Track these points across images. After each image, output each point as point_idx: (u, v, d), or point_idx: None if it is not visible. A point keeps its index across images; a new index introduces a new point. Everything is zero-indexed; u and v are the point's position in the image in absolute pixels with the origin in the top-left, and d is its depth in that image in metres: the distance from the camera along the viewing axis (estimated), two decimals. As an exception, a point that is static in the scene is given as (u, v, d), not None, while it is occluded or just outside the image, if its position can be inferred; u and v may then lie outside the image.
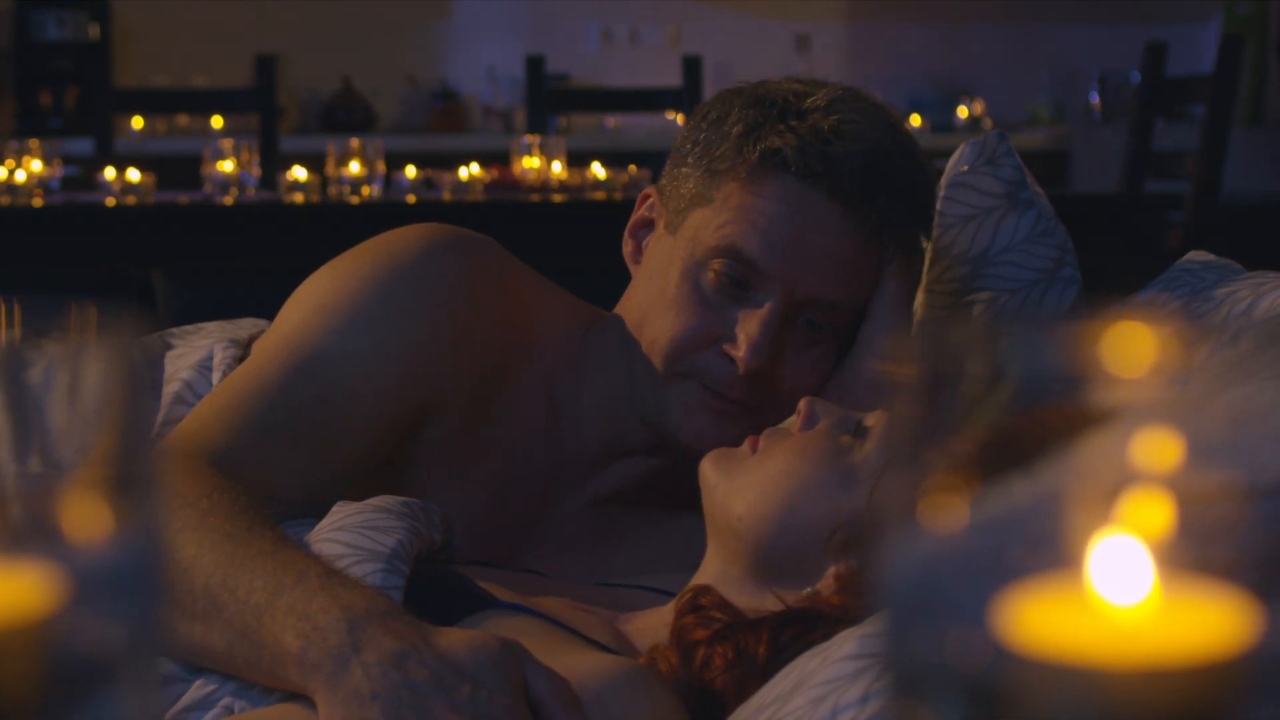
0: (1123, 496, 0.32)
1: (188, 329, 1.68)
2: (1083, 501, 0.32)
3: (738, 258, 1.37)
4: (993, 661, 0.32)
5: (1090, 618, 0.33)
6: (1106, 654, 0.32)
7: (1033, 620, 0.32)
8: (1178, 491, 0.32)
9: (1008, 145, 1.67)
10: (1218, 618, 0.32)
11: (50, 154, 3.55)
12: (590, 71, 6.44)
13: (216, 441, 1.31)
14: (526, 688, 1.08)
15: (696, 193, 1.42)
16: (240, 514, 1.21)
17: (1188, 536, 0.32)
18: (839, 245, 1.39)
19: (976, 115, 6.39)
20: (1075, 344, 0.32)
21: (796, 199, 1.38)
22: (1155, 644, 0.32)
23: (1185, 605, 0.33)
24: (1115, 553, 0.33)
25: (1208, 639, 0.32)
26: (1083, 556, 0.33)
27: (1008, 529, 0.32)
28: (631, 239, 1.51)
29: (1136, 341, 0.32)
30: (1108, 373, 0.31)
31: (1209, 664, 0.32)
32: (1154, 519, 0.32)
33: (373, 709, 1.05)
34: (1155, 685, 0.32)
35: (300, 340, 1.36)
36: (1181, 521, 0.32)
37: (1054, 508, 0.32)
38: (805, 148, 1.37)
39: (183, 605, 1.18)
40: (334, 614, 1.10)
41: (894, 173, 1.41)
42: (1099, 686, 0.32)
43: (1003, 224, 1.62)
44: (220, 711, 1.19)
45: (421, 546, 1.26)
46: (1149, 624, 0.33)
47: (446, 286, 1.39)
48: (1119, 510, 0.32)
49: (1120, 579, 0.33)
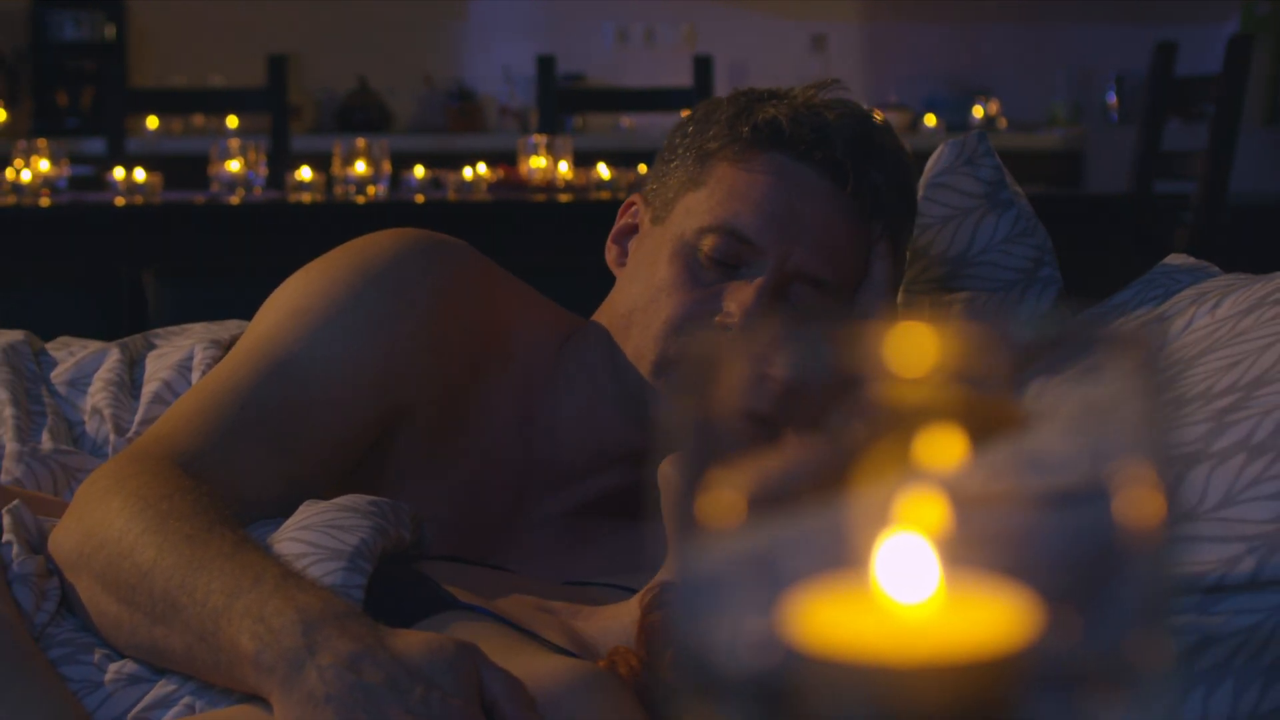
0: (907, 497, 0.32)
1: (172, 329, 1.69)
2: (869, 502, 0.33)
3: (730, 233, 1.38)
4: (780, 661, 0.32)
5: (876, 616, 0.33)
6: (891, 652, 0.32)
7: (819, 619, 0.33)
8: (965, 493, 0.33)
9: (987, 145, 1.67)
10: (999, 616, 0.33)
11: (58, 153, 3.56)
12: (605, 72, 6.44)
13: (187, 443, 1.31)
14: (482, 690, 1.08)
15: (686, 179, 1.43)
16: (201, 515, 1.21)
17: (974, 537, 0.33)
18: (830, 219, 1.39)
19: (992, 115, 6.37)
20: (860, 345, 0.32)
21: (789, 171, 1.39)
22: (938, 641, 0.32)
23: (969, 603, 0.33)
24: (901, 552, 0.33)
25: (989, 636, 0.32)
26: (869, 556, 0.33)
27: (794, 529, 0.33)
28: (615, 245, 1.51)
29: (918, 342, 0.32)
30: (890, 372, 0.32)
31: (989, 660, 0.32)
32: (938, 519, 0.33)
33: (326, 711, 1.05)
34: (937, 682, 0.32)
35: (273, 344, 1.37)
36: (967, 522, 0.33)
37: (840, 509, 0.33)
38: (799, 118, 1.39)
39: (143, 608, 1.18)
40: (289, 616, 1.10)
41: (885, 152, 1.42)
42: (883, 684, 0.32)
43: (982, 224, 1.62)
44: (181, 710, 1.20)
45: (388, 545, 1.26)
46: (933, 622, 0.33)
47: (418, 291, 1.39)
48: (903, 510, 0.33)
49: (906, 578, 0.33)
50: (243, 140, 3.60)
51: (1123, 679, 0.32)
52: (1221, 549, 0.99)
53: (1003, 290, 1.60)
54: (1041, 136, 6.18)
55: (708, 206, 1.40)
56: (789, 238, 1.37)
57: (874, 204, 1.41)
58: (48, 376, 1.61)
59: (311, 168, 3.66)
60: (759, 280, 1.37)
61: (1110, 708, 0.32)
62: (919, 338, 0.32)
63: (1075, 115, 6.51)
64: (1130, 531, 0.33)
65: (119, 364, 1.59)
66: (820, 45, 6.57)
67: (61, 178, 3.56)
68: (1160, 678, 0.32)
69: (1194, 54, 5.60)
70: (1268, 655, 0.97)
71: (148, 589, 1.17)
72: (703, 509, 0.32)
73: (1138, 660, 0.32)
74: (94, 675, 1.23)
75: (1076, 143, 6.01)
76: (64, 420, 1.56)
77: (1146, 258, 1.58)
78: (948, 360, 0.31)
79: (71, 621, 1.27)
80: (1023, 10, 6.62)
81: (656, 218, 1.45)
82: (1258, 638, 0.97)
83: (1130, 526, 0.33)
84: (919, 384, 0.31)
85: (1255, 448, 1.02)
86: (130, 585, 1.19)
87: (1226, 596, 0.98)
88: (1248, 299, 1.23)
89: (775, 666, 0.32)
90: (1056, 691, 0.32)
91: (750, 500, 0.32)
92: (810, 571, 0.32)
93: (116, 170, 3.59)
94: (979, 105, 6.38)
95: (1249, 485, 1.01)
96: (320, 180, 3.56)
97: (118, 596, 1.21)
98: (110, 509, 1.23)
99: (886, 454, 0.32)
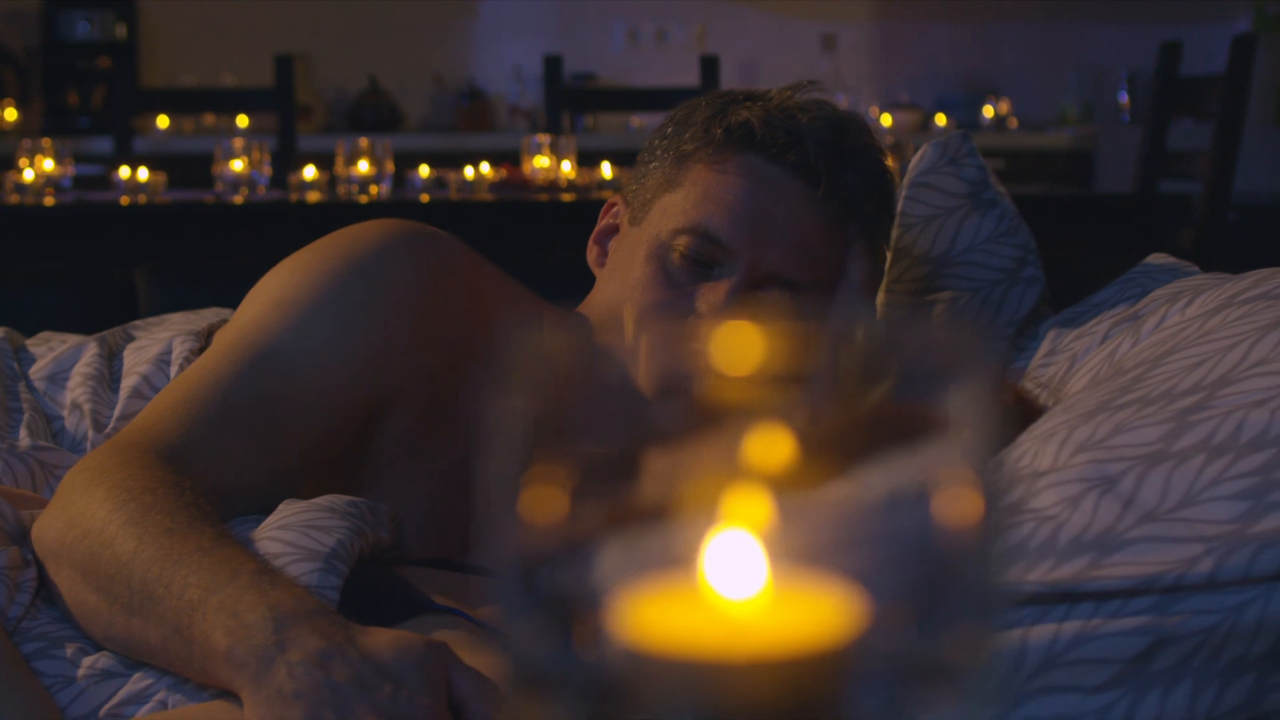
0: (734, 495, 0.33)
1: (151, 320, 1.69)
2: (698, 499, 0.33)
3: (703, 235, 1.39)
4: (608, 657, 0.32)
5: (703, 613, 0.33)
6: (717, 647, 0.32)
7: (648, 616, 0.33)
8: (792, 491, 0.33)
9: (970, 145, 1.67)
10: (825, 612, 0.33)
11: (62, 153, 3.57)
12: (616, 71, 6.44)
13: (170, 435, 1.32)
14: (451, 689, 1.09)
15: (663, 181, 1.44)
16: (182, 509, 1.22)
17: (801, 535, 0.33)
18: (804, 221, 1.40)
19: (1002, 115, 6.36)
20: (690, 343, 0.32)
21: (762, 174, 1.40)
22: (764, 637, 0.32)
23: (796, 600, 0.33)
24: (729, 550, 0.33)
25: (814, 632, 0.32)
26: (697, 553, 0.33)
27: (622, 526, 0.33)
28: (596, 245, 1.53)
29: (744, 342, 0.32)
30: (718, 371, 0.32)
31: (814, 656, 0.32)
32: (766, 517, 0.33)
33: (295, 708, 1.05)
34: (762, 677, 0.32)
35: (256, 334, 1.37)
36: (794, 520, 0.33)
37: (669, 505, 0.33)
38: (771, 120, 1.40)
39: (121, 599, 1.19)
40: (261, 612, 1.10)
41: (857, 150, 1.43)
42: (709, 679, 0.32)
43: (965, 224, 1.62)
44: (155, 706, 1.21)
45: (365, 546, 1.26)
46: (759, 618, 0.33)
47: (403, 281, 1.40)
48: (731, 508, 0.33)
49: (734, 575, 0.33)
50: (246, 140, 3.60)
51: (947, 676, 0.32)
52: (1180, 549, 0.98)
53: (985, 290, 1.60)
54: (1052, 136, 6.16)
55: (682, 208, 1.41)
56: (761, 239, 1.38)
57: (848, 205, 1.41)
58: (26, 373, 1.62)
59: (318, 167, 3.66)
60: (730, 281, 1.37)
61: (934, 705, 0.32)
62: (747, 336, 0.32)
63: (1087, 115, 6.49)
64: (952, 532, 0.33)
65: (97, 358, 1.60)
66: (831, 45, 6.57)
67: (66, 177, 3.57)
68: (983, 675, 0.32)
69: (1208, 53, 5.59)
70: (1225, 656, 0.97)
71: (126, 580, 1.18)
72: (526, 503, 0.32)
73: (961, 658, 0.32)
74: (68, 670, 1.23)
75: (1087, 142, 6.00)
76: (42, 416, 1.56)
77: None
78: (774, 359, 0.31)
79: (48, 614, 1.27)
80: (1034, 10, 6.60)
81: (634, 219, 1.46)
82: (1215, 638, 0.97)
83: (951, 527, 0.33)
84: (746, 382, 0.32)
85: (1216, 448, 1.02)
86: (109, 576, 1.20)
87: (1184, 597, 0.97)
88: (1217, 298, 1.22)
89: (604, 663, 0.32)
90: (882, 688, 0.32)
91: (574, 495, 0.32)
92: (639, 568, 0.33)
93: (122, 170, 3.60)
94: (989, 105, 6.37)
95: (1209, 485, 1.00)
96: (323, 179, 3.57)
97: (96, 586, 1.21)
98: (94, 499, 1.24)
99: (715, 452, 0.32)
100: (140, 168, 3.55)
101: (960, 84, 6.57)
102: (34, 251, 3.04)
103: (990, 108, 6.36)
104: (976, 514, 0.32)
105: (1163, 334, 1.24)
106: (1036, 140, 6.12)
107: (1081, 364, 1.38)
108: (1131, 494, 1.02)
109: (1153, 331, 1.28)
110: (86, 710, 1.21)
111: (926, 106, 6.42)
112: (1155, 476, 1.02)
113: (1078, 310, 1.51)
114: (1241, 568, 0.97)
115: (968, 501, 0.32)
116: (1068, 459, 1.07)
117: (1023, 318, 1.59)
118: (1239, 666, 0.97)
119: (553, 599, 0.32)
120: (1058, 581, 1.00)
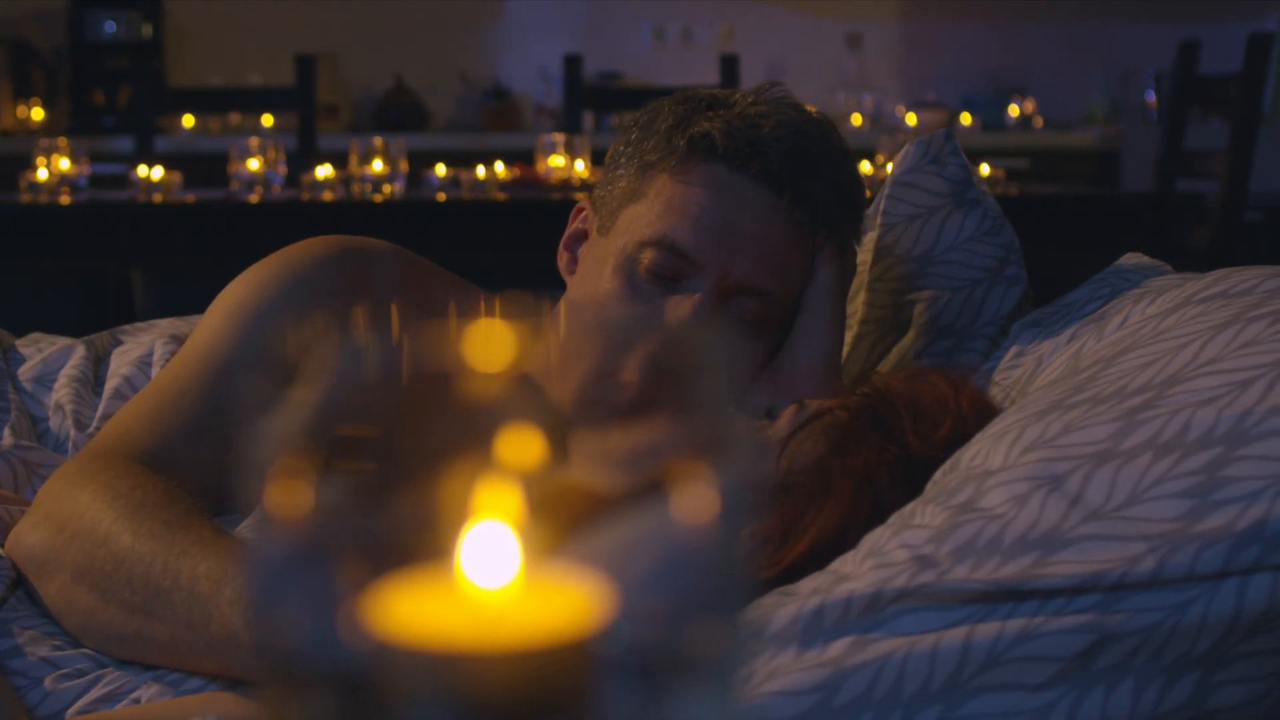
0: (488, 487, 0.33)
1: (140, 325, 1.71)
2: (453, 491, 0.33)
3: (669, 248, 1.38)
4: (358, 650, 0.33)
5: (455, 603, 0.33)
6: (465, 638, 0.33)
7: (401, 608, 0.33)
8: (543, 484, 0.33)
9: (954, 145, 1.66)
10: (574, 603, 0.33)
11: (79, 152, 3.60)
12: (642, 71, 6.45)
13: (145, 440, 1.34)
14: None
15: (629, 190, 1.43)
16: (175, 503, 1.23)
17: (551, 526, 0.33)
18: (769, 230, 1.39)
19: (1028, 114, 6.33)
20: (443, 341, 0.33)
21: (725, 184, 1.39)
22: (513, 627, 0.33)
23: (546, 590, 0.33)
24: (483, 540, 0.33)
25: (562, 623, 0.33)
26: (452, 545, 0.33)
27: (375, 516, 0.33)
28: (566, 251, 1.52)
29: (496, 338, 0.32)
30: (470, 368, 0.32)
31: (560, 646, 0.33)
32: (519, 508, 0.33)
33: None
34: (507, 667, 0.32)
35: (212, 343, 1.41)
36: (545, 512, 0.33)
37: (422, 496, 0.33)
38: (732, 131, 1.39)
39: (120, 597, 1.20)
40: None
41: (822, 158, 1.41)
42: (456, 669, 0.33)
43: (947, 223, 1.61)
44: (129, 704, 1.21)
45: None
46: (509, 608, 0.33)
47: (341, 290, 1.43)
48: (485, 500, 0.33)
49: (486, 565, 0.33)
50: (262, 139, 3.62)
51: (689, 669, 0.32)
52: (1123, 547, 0.98)
53: (966, 289, 1.59)
54: (1078, 135, 6.14)
55: (647, 220, 1.40)
56: (727, 251, 1.37)
57: (814, 212, 1.40)
58: (15, 373, 1.63)
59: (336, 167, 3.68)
60: (697, 295, 1.37)
61: (679, 696, 0.32)
62: (497, 334, 0.32)
63: (1113, 114, 6.46)
64: (690, 527, 0.34)
65: (84, 360, 1.62)
66: (856, 44, 6.56)
67: (82, 176, 3.60)
68: (725, 668, 0.32)
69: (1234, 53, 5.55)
70: (1168, 654, 0.97)
71: (126, 576, 1.19)
72: (274, 496, 0.32)
73: (702, 650, 0.32)
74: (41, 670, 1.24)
75: (1113, 141, 5.97)
76: (28, 417, 1.58)
77: (1165, 257, 1.56)
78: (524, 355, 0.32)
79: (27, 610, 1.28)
80: (1061, 9, 6.58)
81: (602, 228, 1.45)
82: (1158, 637, 0.97)
83: (689, 522, 0.34)
84: (496, 378, 0.32)
85: (1163, 446, 1.02)
86: (107, 574, 1.21)
87: (1127, 595, 0.97)
88: (1175, 298, 1.22)
89: (355, 655, 0.33)
90: (630, 679, 0.32)
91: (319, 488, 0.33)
92: (392, 558, 0.33)
93: (140, 168, 3.63)
94: (1015, 104, 6.35)
95: (1154, 484, 1.00)
96: (337, 179, 3.59)
97: (91, 587, 1.22)
98: (79, 502, 1.25)
99: (469, 445, 0.33)
100: (156, 166, 3.58)
101: (986, 83, 6.55)
102: (44, 250, 3.07)
103: (1016, 107, 6.34)
104: (709, 506, 0.32)
105: (1122, 333, 1.23)
106: (1062, 140, 6.09)
107: (1047, 364, 1.37)
108: (1078, 493, 1.02)
109: (1115, 331, 1.28)
110: (56, 709, 1.22)
111: (952, 106, 6.40)
112: (1102, 475, 1.02)
113: (1048, 310, 1.50)
114: (1185, 566, 0.97)
115: (707, 498, 0.32)
116: (1017, 458, 1.07)
117: (1004, 317, 1.59)
118: (1182, 665, 0.97)
119: (305, 593, 0.32)
120: (1002, 580, 0.99)
